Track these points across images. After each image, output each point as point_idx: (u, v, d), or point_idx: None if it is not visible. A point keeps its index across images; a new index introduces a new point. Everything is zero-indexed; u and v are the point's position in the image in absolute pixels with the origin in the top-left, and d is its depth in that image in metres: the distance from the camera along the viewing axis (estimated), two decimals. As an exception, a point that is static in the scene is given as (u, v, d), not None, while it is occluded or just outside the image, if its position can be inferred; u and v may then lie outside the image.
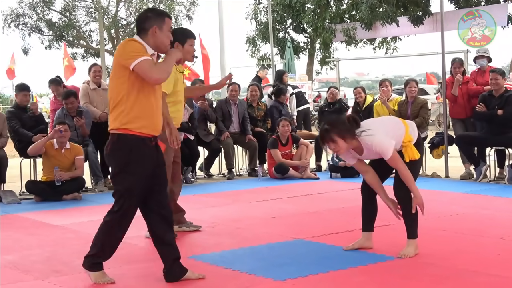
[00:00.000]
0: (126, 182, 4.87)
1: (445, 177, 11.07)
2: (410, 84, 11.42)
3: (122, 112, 4.81)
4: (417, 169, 5.75)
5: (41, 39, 36.36)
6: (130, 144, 4.83)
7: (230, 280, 5.08)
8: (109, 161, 5.08)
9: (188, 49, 6.61)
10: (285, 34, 28.32)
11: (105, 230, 5.00)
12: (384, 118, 5.64)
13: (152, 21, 4.91)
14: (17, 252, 6.27)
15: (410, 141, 5.54)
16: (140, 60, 4.70)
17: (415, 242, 5.66)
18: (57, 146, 9.58)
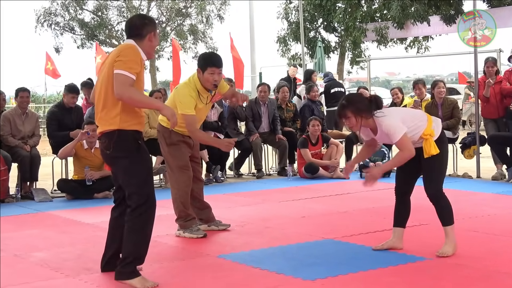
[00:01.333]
0: (141, 172, 4.97)
1: (477, 177, 10.98)
2: (438, 85, 11.27)
3: (120, 114, 4.89)
4: (441, 166, 5.69)
5: (74, 39, 36.69)
6: (133, 136, 4.95)
7: (259, 279, 5.08)
8: (114, 157, 4.99)
9: (207, 77, 6.51)
10: (315, 33, 28.26)
11: (136, 229, 4.95)
12: (406, 108, 5.67)
13: (149, 27, 5.11)
14: (48, 249, 6.33)
15: (431, 135, 5.52)
16: (121, 73, 4.78)
17: (453, 235, 5.65)
18: (86, 146, 9.64)
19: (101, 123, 5.01)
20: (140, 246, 4.96)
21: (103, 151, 5.04)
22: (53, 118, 10.49)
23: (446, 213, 5.67)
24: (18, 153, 9.89)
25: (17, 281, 5.21)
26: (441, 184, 5.67)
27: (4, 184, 9.48)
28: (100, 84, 5.02)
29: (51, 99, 43.72)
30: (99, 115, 5.02)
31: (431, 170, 5.63)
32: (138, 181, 4.95)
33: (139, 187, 4.94)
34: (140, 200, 4.93)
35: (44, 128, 13.85)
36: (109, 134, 4.93)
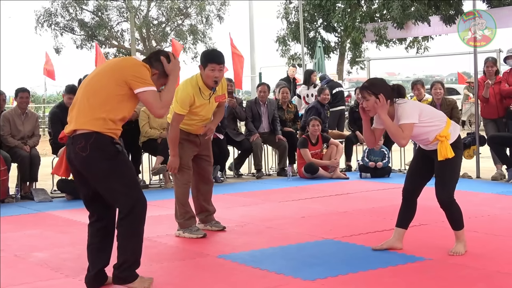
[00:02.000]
0: (126, 173, 4.76)
1: (477, 177, 10.99)
2: (435, 86, 11.37)
3: (105, 118, 4.65)
4: (454, 172, 5.67)
5: (73, 39, 36.68)
6: (111, 141, 4.69)
7: (259, 279, 5.08)
8: (92, 159, 4.63)
9: (208, 74, 6.51)
10: (315, 33, 28.24)
11: (131, 234, 4.76)
12: (429, 106, 5.68)
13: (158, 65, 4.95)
14: (48, 250, 6.33)
15: (447, 138, 5.51)
16: (148, 90, 4.68)
17: (463, 237, 5.72)
18: None
19: (78, 120, 4.69)
20: (137, 250, 4.80)
21: (78, 153, 4.63)
22: (56, 119, 10.48)
23: (457, 218, 5.71)
24: (17, 153, 9.89)
25: (17, 281, 5.21)
26: (453, 190, 5.65)
27: (4, 184, 9.48)
28: (98, 81, 4.76)
29: (51, 99, 43.79)
30: (78, 112, 4.71)
31: (443, 175, 5.61)
32: (125, 183, 4.70)
33: (128, 189, 4.70)
34: (129, 202, 4.68)
35: (43, 128, 13.89)
36: (87, 135, 4.62)
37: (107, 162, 4.64)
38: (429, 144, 5.59)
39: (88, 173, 4.71)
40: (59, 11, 36.00)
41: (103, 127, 4.63)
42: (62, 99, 10.86)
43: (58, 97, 43.07)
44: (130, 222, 4.71)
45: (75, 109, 4.79)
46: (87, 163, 4.65)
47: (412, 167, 5.97)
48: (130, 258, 4.75)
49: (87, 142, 4.60)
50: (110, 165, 4.65)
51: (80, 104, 4.76)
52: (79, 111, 4.73)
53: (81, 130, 4.65)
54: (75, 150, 4.65)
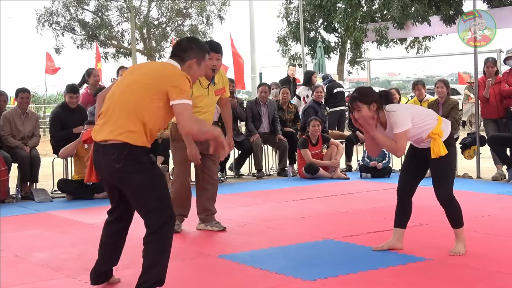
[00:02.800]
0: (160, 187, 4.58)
1: (477, 178, 10.99)
2: (438, 85, 11.42)
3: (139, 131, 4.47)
4: (449, 169, 5.69)
5: (74, 39, 36.67)
6: (144, 151, 4.52)
7: (259, 280, 5.08)
8: (126, 171, 4.46)
9: (206, 63, 6.54)
10: (316, 33, 28.25)
11: (160, 251, 4.53)
12: (418, 106, 5.64)
13: (193, 53, 4.75)
14: (49, 250, 6.33)
15: (440, 135, 5.48)
16: (185, 103, 4.45)
17: (463, 236, 5.72)
18: (87, 146, 9.64)
19: (110, 129, 4.47)
20: (164, 268, 4.54)
21: (111, 165, 4.43)
22: (57, 119, 10.52)
23: (457, 216, 5.71)
24: (18, 153, 9.89)
25: (18, 281, 5.21)
26: (451, 188, 5.65)
27: (4, 185, 9.48)
28: (137, 89, 4.52)
29: (51, 99, 43.74)
30: (112, 120, 4.49)
31: (440, 173, 5.61)
32: (158, 197, 4.50)
33: (160, 203, 4.49)
34: (162, 218, 4.49)
35: (44, 128, 13.89)
36: (120, 146, 4.42)
37: (141, 174, 4.47)
38: (422, 142, 5.59)
39: (120, 184, 4.57)
40: (59, 10, 35.99)
41: (138, 139, 4.45)
42: (62, 99, 10.86)
43: (58, 97, 43.06)
44: (161, 239, 4.51)
45: (108, 115, 4.56)
46: (120, 175, 4.48)
47: (405, 166, 5.97)
48: (156, 276, 4.51)
49: (120, 154, 4.41)
50: (145, 177, 4.47)
51: (114, 112, 4.53)
52: (112, 119, 4.51)
53: (113, 141, 4.44)
54: (106, 160, 4.46)
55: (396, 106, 5.55)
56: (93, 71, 11.81)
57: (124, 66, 12.16)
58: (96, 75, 11.59)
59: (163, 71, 4.62)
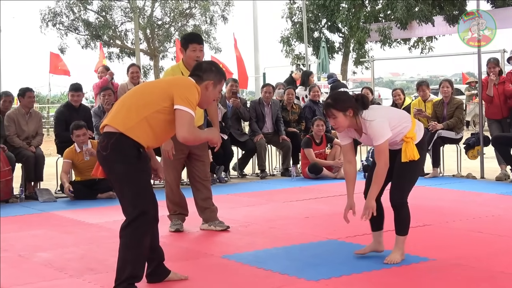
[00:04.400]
0: (138, 181, 4.61)
1: (481, 178, 10.97)
2: (443, 85, 11.47)
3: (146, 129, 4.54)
4: (414, 174, 5.49)
5: (78, 39, 36.72)
6: (133, 144, 4.53)
7: (263, 280, 5.08)
8: (110, 160, 4.54)
9: (189, 54, 6.68)
10: (319, 33, 28.26)
11: (132, 246, 4.56)
12: (393, 108, 5.38)
13: (212, 75, 4.80)
14: (52, 250, 6.33)
15: (413, 138, 5.31)
16: (187, 111, 4.52)
17: (403, 245, 5.48)
18: (79, 150, 9.64)
19: (111, 120, 4.59)
20: (136, 264, 4.55)
21: (99, 151, 4.57)
22: (61, 118, 10.55)
23: (404, 223, 5.47)
24: (22, 153, 9.91)
25: (21, 281, 5.22)
26: (407, 193, 5.45)
27: (8, 184, 9.49)
28: (140, 90, 4.73)
29: (55, 99, 43.79)
30: (119, 113, 4.60)
31: (403, 177, 5.40)
32: (134, 191, 4.54)
33: (134, 198, 4.54)
34: (133, 213, 4.53)
35: (47, 128, 13.92)
36: (110, 134, 4.52)
37: (122, 166, 4.51)
38: (395, 144, 5.38)
39: (107, 174, 4.66)
40: (63, 10, 36.03)
41: (131, 131, 4.49)
42: (66, 99, 10.90)
43: (62, 97, 43.11)
44: (131, 234, 4.54)
45: (114, 107, 4.74)
46: (106, 164, 4.58)
47: (373, 167, 5.66)
48: (127, 272, 4.52)
49: (108, 141, 4.50)
50: (126, 169, 4.51)
51: (119, 105, 4.69)
52: (116, 110, 4.66)
53: (108, 128, 4.55)
54: (98, 148, 4.60)
55: (372, 114, 5.28)
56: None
57: (134, 64, 12.19)
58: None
59: (176, 80, 4.84)
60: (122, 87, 11.23)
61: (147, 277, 4.96)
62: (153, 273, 4.97)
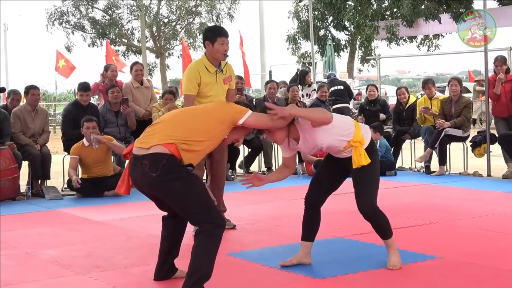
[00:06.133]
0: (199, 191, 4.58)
1: (487, 176, 10.95)
2: (451, 83, 11.46)
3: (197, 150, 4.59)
4: (373, 177, 5.16)
5: (84, 37, 36.77)
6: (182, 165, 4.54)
7: (269, 277, 5.08)
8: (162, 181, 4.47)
9: (218, 48, 6.60)
10: (326, 31, 28.26)
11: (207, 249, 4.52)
12: (335, 114, 5.08)
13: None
14: (59, 247, 6.35)
15: (361, 142, 5.03)
16: (248, 115, 4.80)
17: (395, 245, 5.30)
18: (87, 144, 9.65)
19: (155, 139, 4.54)
20: (210, 264, 4.52)
21: (147, 173, 4.45)
22: (69, 116, 10.56)
23: (384, 228, 5.25)
24: (29, 151, 9.94)
25: (28, 278, 5.23)
26: (374, 197, 5.16)
27: (15, 182, 9.51)
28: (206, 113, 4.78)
29: (62, 97, 43.87)
30: (165, 132, 4.57)
31: (362, 184, 5.12)
32: (197, 201, 4.49)
33: (201, 208, 4.50)
34: (205, 219, 4.49)
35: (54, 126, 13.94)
36: (159, 156, 4.45)
37: (178, 181, 4.45)
38: (342, 152, 5.11)
39: (159, 194, 4.61)
40: (70, 9, 36.10)
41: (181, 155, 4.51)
42: (73, 97, 10.92)
43: (69, 95, 43.18)
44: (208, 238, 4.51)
45: (168, 127, 4.65)
46: (157, 185, 4.48)
47: (318, 173, 5.49)
48: (203, 271, 4.52)
49: (158, 163, 4.42)
50: (182, 183, 4.46)
51: (175, 125, 4.65)
52: (164, 129, 4.62)
53: (153, 151, 4.48)
54: (143, 171, 4.48)
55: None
56: (111, 66, 11.91)
57: (138, 62, 12.17)
58: (114, 70, 11.64)
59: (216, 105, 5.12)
60: (126, 85, 11.23)
61: (155, 275, 4.99)
62: (162, 270, 4.99)
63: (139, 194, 7.57)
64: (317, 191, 5.39)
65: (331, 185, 5.39)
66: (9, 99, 10.46)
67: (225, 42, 6.62)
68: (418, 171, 11.84)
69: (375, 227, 5.27)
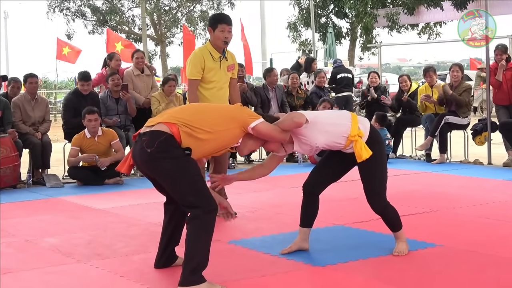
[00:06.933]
0: (191, 171, 4.53)
1: (488, 164, 10.95)
2: (453, 69, 11.49)
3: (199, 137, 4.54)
4: (380, 172, 5.19)
5: (85, 24, 36.69)
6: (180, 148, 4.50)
7: (269, 265, 5.09)
8: (156, 158, 4.45)
9: (218, 35, 6.66)
10: (327, 19, 28.18)
11: (200, 235, 4.49)
12: (327, 111, 4.87)
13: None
14: (60, 235, 6.35)
15: (360, 135, 4.98)
16: (260, 121, 4.76)
17: (404, 236, 5.33)
18: (89, 135, 9.63)
19: (161, 119, 4.59)
20: (205, 251, 4.49)
21: (143, 148, 4.45)
22: (69, 105, 10.54)
23: (394, 221, 5.29)
24: (29, 140, 9.93)
25: (29, 266, 5.24)
26: (384, 195, 5.22)
27: (16, 170, 9.51)
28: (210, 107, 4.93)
29: (62, 85, 43.85)
30: (172, 114, 4.64)
31: (369, 180, 5.16)
32: (189, 183, 4.46)
33: (193, 190, 4.47)
34: (197, 202, 4.47)
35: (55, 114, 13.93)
36: (158, 133, 4.46)
37: (170, 160, 4.43)
38: (346, 148, 5.08)
39: (153, 172, 4.56)
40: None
41: (183, 138, 4.49)
42: (73, 85, 10.91)
43: (69, 83, 43.15)
44: (201, 224, 4.50)
45: (166, 111, 4.80)
46: (151, 161, 4.46)
47: (324, 162, 5.46)
48: (198, 259, 4.48)
49: (155, 140, 4.42)
50: (175, 163, 4.44)
51: (190, 112, 4.68)
52: (180, 112, 4.67)
53: (156, 128, 4.50)
54: (141, 146, 4.49)
55: None
56: (115, 55, 11.73)
57: (139, 50, 12.11)
58: (118, 59, 11.53)
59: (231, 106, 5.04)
60: (127, 73, 11.20)
61: (156, 263, 5.00)
62: (162, 258, 5.00)
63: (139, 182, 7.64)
64: (317, 179, 5.39)
65: (334, 176, 5.41)
66: (9, 87, 10.44)
67: (226, 29, 6.65)
68: (419, 159, 11.84)
69: (386, 221, 5.32)
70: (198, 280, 4.41)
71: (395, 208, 5.31)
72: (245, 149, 4.96)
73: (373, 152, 5.02)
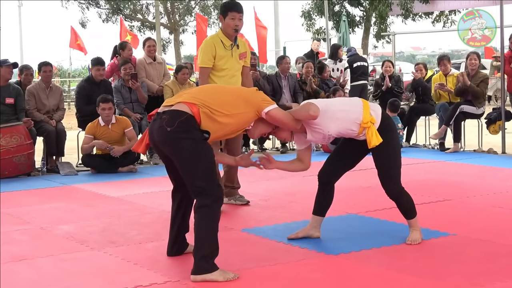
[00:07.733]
0: (207, 158, 4.53)
1: (502, 153, 10.91)
2: (470, 57, 11.38)
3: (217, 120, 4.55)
4: (394, 158, 5.19)
5: (99, 13, 36.73)
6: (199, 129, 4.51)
7: (282, 253, 5.09)
8: (176, 137, 4.43)
9: (228, 22, 6.68)
10: (340, 7, 28.05)
11: (208, 223, 4.47)
12: (338, 98, 4.85)
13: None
14: (74, 222, 6.39)
15: (372, 121, 4.98)
16: (274, 107, 4.81)
17: (418, 224, 5.33)
18: (103, 123, 9.65)
19: (180, 98, 4.57)
20: (215, 239, 4.47)
21: (163, 127, 4.42)
22: (82, 93, 10.58)
23: (408, 208, 5.29)
24: (43, 128, 9.97)
25: (44, 253, 5.27)
26: (399, 180, 5.23)
27: (30, 158, 9.56)
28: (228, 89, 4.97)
29: (76, 73, 43.94)
30: (192, 94, 4.63)
31: (382, 166, 5.19)
32: (204, 168, 4.45)
33: (206, 175, 4.45)
34: (207, 188, 4.44)
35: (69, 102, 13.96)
36: (179, 113, 4.44)
37: (190, 141, 4.42)
38: (359, 136, 5.08)
39: (169, 150, 4.52)
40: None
41: (202, 120, 4.49)
42: (87, 73, 10.94)
43: (83, 71, 43.22)
44: (208, 212, 4.47)
45: (184, 92, 4.80)
46: (171, 140, 4.44)
47: (337, 150, 5.49)
48: (209, 247, 4.46)
49: (175, 119, 4.41)
50: (194, 144, 4.43)
51: (193, 90, 4.75)
52: (201, 93, 4.67)
53: (177, 108, 4.49)
54: (160, 124, 4.46)
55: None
56: (127, 45, 11.70)
57: (150, 38, 12.11)
58: (130, 49, 11.50)
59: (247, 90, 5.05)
60: (140, 61, 11.21)
61: (168, 251, 5.02)
62: (174, 246, 5.01)
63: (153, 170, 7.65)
64: (331, 168, 5.42)
65: (349, 164, 5.42)
66: (22, 75, 10.48)
67: (236, 17, 6.66)
68: (433, 148, 11.81)
69: (400, 207, 5.32)
70: (211, 268, 4.41)
71: (410, 195, 5.30)
72: (256, 132, 4.98)
73: (386, 138, 5.03)
